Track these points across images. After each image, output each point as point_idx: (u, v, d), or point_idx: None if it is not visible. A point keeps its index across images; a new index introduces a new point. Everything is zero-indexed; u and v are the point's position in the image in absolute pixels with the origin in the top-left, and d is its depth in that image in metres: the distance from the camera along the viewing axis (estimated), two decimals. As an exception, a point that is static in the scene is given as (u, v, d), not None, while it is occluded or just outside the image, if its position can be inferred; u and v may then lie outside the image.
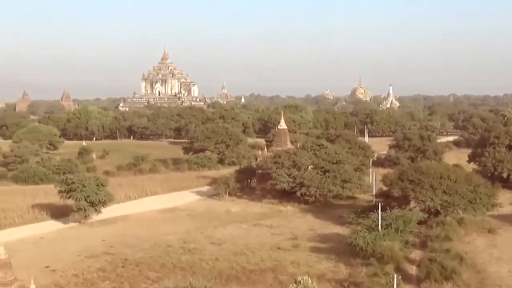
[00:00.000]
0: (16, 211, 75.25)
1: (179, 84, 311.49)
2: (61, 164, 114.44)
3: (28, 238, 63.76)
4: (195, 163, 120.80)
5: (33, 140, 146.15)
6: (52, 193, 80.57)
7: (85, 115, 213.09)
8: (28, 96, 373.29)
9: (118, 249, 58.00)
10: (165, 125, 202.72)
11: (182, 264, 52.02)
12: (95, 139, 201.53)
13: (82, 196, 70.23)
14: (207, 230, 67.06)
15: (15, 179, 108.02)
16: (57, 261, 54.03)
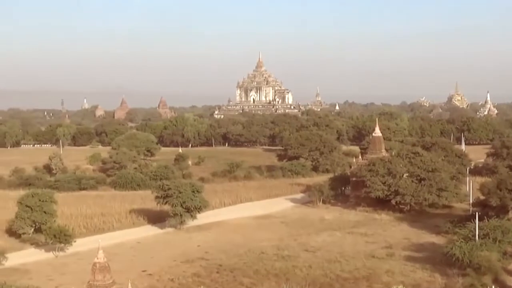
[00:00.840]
0: (114, 216, 77.38)
1: (273, 91, 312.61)
2: (158, 170, 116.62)
3: (126, 242, 65.41)
4: (289, 170, 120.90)
5: (131, 146, 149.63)
6: (149, 198, 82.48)
7: (181, 123, 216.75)
8: (126, 104, 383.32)
9: (213, 255, 58.70)
10: (259, 132, 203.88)
11: (276, 270, 52.16)
12: (191, 146, 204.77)
13: (178, 202, 71.44)
14: (301, 237, 67.02)
15: (113, 184, 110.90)
16: (153, 265, 55.18)
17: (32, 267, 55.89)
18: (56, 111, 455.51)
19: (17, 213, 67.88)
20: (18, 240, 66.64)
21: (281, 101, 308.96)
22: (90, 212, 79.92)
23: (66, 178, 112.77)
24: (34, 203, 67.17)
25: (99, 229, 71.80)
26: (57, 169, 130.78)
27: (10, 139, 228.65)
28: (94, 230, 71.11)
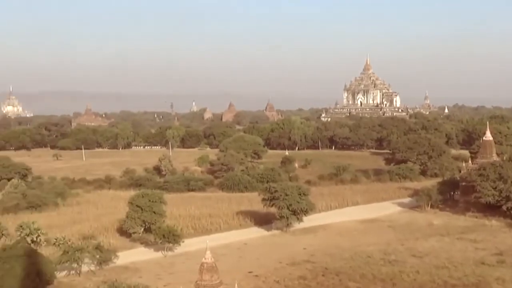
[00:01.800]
0: (222, 217, 78.43)
1: (381, 94, 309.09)
2: (264, 172, 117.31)
3: (233, 243, 66.16)
4: (397, 174, 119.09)
5: (238, 149, 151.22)
6: (255, 200, 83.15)
7: (288, 125, 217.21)
8: (234, 107, 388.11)
9: (319, 258, 58.54)
10: (366, 136, 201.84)
11: (382, 275, 51.48)
12: (298, 149, 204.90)
13: (284, 204, 71.65)
14: (408, 242, 65.87)
15: (221, 186, 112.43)
16: (259, 267, 55.56)
17: (142, 266, 57.40)
18: (165, 114, 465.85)
19: (128, 213, 69.91)
20: (128, 239, 68.60)
21: (388, 104, 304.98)
22: (198, 213, 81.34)
23: (175, 179, 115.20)
24: (144, 203, 69.00)
25: (206, 230, 72.97)
26: (167, 171, 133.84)
27: (121, 141, 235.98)
28: (202, 231, 72.31)
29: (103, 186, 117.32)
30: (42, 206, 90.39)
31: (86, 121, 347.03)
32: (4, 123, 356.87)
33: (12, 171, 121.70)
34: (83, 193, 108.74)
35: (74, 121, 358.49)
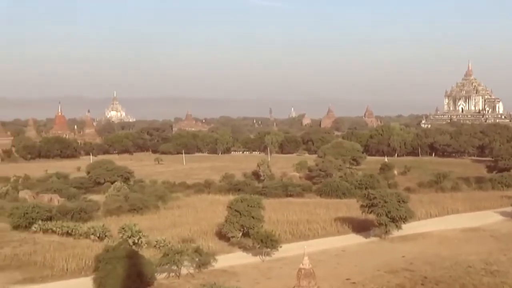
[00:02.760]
0: (319, 223, 78.20)
1: (483, 100, 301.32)
2: (363, 179, 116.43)
3: (330, 249, 65.85)
4: (499, 182, 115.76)
5: (336, 155, 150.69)
6: (353, 207, 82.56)
7: (387, 132, 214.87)
8: (332, 113, 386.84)
9: (418, 266, 57.52)
10: (467, 143, 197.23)
11: (483, 286, 50.07)
12: (397, 156, 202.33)
13: (383, 211, 70.85)
14: (511, 252, 63.84)
15: (319, 192, 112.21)
16: (357, 274, 55.09)
17: (240, 270, 57.90)
18: (264, 119, 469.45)
19: (226, 217, 70.71)
20: (227, 243, 69.34)
21: (491, 111, 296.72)
22: (296, 219, 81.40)
23: (273, 184, 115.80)
24: (243, 208, 69.62)
25: (304, 235, 72.89)
26: (265, 176, 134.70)
27: (221, 146, 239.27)
28: (300, 236, 72.30)
29: (203, 190, 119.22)
30: (144, 209, 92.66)
31: (186, 126, 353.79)
32: (108, 128, 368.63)
33: (115, 174, 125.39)
34: (183, 196, 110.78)
35: (175, 126, 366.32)
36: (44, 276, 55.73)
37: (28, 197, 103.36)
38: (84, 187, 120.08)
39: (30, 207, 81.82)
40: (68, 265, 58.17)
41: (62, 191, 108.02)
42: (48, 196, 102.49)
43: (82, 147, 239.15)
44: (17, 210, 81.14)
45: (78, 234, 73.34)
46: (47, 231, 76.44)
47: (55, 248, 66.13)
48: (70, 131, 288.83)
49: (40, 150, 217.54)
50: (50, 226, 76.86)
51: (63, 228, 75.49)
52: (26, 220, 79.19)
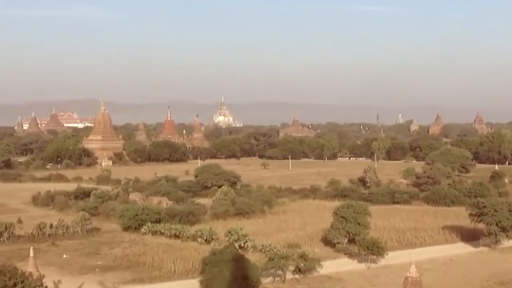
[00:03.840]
0: (427, 231, 76.72)
1: None
2: (472, 187, 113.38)
3: (438, 258, 64.49)
4: None
5: (445, 162, 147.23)
6: (462, 215, 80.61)
7: (498, 139, 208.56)
8: (441, 119, 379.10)
9: (529, 278, 55.59)
10: None
11: None
12: (508, 163, 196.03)
13: (493, 220, 68.82)
14: None
15: (426, 199, 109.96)
16: (466, 284, 53.78)
17: (345, 276, 57.57)
18: (371, 125, 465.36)
19: (332, 223, 70.48)
20: (332, 249, 69.08)
21: None
22: (403, 226, 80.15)
23: (380, 191, 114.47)
24: (349, 214, 69.25)
25: (411, 243, 71.73)
26: (371, 182, 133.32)
27: (327, 152, 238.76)
28: (406, 244, 71.20)
29: (308, 195, 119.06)
30: (250, 213, 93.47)
31: (293, 131, 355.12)
32: (215, 132, 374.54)
33: (222, 179, 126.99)
34: (289, 202, 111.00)
35: (282, 132, 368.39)
36: (153, 277, 57.20)
37: (138, 199, 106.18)
38: (192, 191, 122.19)
39: (140, 209, 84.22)
40: (176, 267, 59.47)
41: (171, 194, 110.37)
42: (157, 199, 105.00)
43: (190, 151, 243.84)
44: (128, 212, 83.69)
45: (186, 237, 74.87)
46: (156, 233, 78.43)
47: (163, 250, 67.75)
48: (179, 135, 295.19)
49: (150, 154, 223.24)
50: (159, 228, 78.81)
51: (171, 230, 77.27)
52: (136, 222, 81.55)
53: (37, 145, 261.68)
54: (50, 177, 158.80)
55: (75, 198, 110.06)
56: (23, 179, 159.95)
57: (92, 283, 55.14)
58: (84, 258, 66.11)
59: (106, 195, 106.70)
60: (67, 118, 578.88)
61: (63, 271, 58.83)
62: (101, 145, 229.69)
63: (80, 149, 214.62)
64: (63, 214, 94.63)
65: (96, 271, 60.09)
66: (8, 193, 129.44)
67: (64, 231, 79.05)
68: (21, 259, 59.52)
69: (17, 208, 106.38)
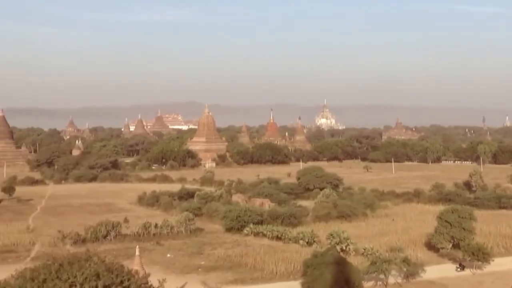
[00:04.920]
0: None
1: None
2: None
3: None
4: None
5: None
6: None
7: None
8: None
9: None
10: None
11: None
12: None
13: None
14: None
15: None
16: None
17: (449, 282, 56.41)
18: (477, 128, 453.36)
19: (436, 228, 69.15)
20: (436, 254, 67.78)
21: None
22: (510, 232, 77.69)
23: (486, 195, 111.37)
24: (453, 219, 67.77)
25: (518, 250, 69.55)
26: (477, 187, 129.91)
27: (431, 155, 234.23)
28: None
29: (411, 199, 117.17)
30: (352, 216, 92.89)
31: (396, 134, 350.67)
32: (318, 135, 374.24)
33: (324, 181, 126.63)
34: (392, 205, 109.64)
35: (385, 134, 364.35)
36: (254, 278, 57.72)
37: (240, 200, 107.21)
38: (294, 193, 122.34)
39: (242, 210, 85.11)
40: (277, 268, 59.80)
41: (273, 196, 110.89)
42: (259, 201, 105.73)
43: (292, 153, 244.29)
44: (230, 213, 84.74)
45: (288, 239, 75.13)
46: (258, 234, 79.02)
47: (265, 251, 68.24)
48: (281, 137, 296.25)
49: (252, 156, 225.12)
50: (261, 230, 79.38)
51: (273, 232, 77.70)
52: (238, 223, 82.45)
53: (143, 146, 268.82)
54: (155, 177, 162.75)
55: (179, 199, 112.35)
56: (129, 179, 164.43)
57: (195, 282, 56.15)
58: (188, 258, 67.42)
59: (209, 196, 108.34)
60: (172, 120, 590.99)
61: (167, 270, 60.22)
62: (205, 146, 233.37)
63: (184, 151, 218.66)
64: (168, 214, 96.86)
65: (199, 271, 61.19)
66: (115, 193, 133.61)
67: (169, 231, 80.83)
68: (127, 257, 61.26)
69: (123, 208, 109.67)
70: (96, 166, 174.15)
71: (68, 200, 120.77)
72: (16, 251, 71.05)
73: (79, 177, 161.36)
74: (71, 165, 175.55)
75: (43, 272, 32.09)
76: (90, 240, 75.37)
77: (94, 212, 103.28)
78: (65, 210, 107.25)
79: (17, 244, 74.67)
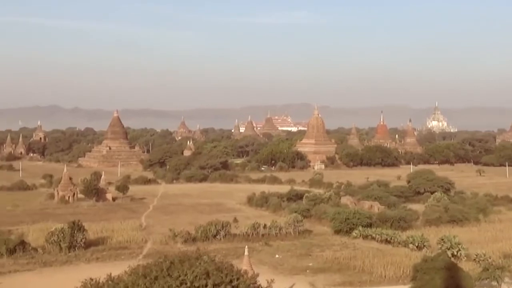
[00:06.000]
0: None
1: None
2: None
3: None
4: None
5: None
6: None
7: None
8: None
9: None
10: None
11: None
12: None
13: None
14: None
15: None
16: None
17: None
18: None
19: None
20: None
21: None
22: None
23: None
24: None
25: None
26: None
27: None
28: None
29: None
30: (464, 221, 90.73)
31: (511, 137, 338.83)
32: (428, 137, 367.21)
33: (435, 185, 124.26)
34: (506, 210, 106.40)
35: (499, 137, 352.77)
36: (363, 281, 57.36)
37: (349, 203, 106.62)
38: (404, 196, 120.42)
39: (351, 213, 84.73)
40: (386, 272, 59.24)
41: (382, 199, 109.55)
42: (368, 203, 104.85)
43: (402, 156, 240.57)
44: (339, 215, 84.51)
45: (397, 242, 74.27)
46: (367, 237, 78.45)
47: (373, 255, 67.68)
48: (391, 140, 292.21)
49: (362, 158, 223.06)
50: (370, 233, 78.76)
51: (382, 235, 76.95)
52: (347, 226, 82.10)
53: (253, 147, 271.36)
54: (264, 179, 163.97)
55: (288, 200, 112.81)
56: (239, 180, 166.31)
57: (303, 284, 56.37)
58: (296, 259, 67.70)
59: (318, 198, 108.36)
60: (281, 122, 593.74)
61: (275, 271, 60.69)
62: (314, 148, 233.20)
63: (293, 152, 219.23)
64: (276, 215, 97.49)
65: (307, 272, 61.36)
66: (225, 193, 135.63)
67: (277, 232, 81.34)
68: (236, 257, 62.13)
69: (233, 208, 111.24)
70: (206, 166, 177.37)
71: (179, 200, 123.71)
72: (129, 248, 73.42)
73: (190, 177, 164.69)
74: (182, 165, 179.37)
75: (154, 269, 33.07)
76: (200, 239, 76.87)
77: (204, 212, 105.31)
78: (176, 209, 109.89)
79: (130, 241, 77.15)
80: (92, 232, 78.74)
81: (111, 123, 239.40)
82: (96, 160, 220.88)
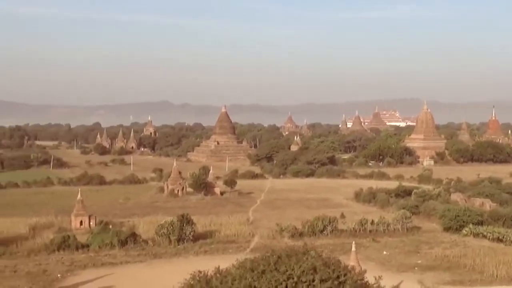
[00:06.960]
0: None
1: None
2: None
3: None
4: None
5: None
6: None
7: None
8: None
9: None
10: None
11: None
12: None
13: None
14: None
15: None
16: None
17: None
18: None
19: None
20: None
21: None
22: None
23: None
24: None
25: None
26: None
27: None
28: None
29: None
30: None
31: None
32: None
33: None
34: None
35: None
36: (473, 280, 56.00)
37: (459, 200, 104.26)
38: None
39: (461, 210, 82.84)
40: (498, 272, 57.61)
41: (494, 196, 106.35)
42: (479, 200, 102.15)
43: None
44: (449, 212, 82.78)
45: (510, 241, 72.10)
46: (478, 235, 76.45)
47: (485, 253, 65.96)
48: (503, 135, 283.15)
49: (472, 154, 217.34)
50: (481, 231, 76.72)
51: (494, 233, 74.82)
52: (457, 223, 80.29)
53: (360, 142, 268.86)
54: (372, 174, 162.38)
55: (396, 196, 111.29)
56: (346, 175, 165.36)
57: (411, 281, 55.58)
58: (404, 256, 66.84)
59: (427, 194, 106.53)
60: (389, 117, 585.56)
61: (383, 267, 60.14)
62: (422, 144, 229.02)
63: (401, 148, 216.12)
64: (384, 211, 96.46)
65: (415, 270, 60.47)
66: (332, 188, 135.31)
67: (385, 228, 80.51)
68: (343, 252, 61.94)
69: (340, 203, 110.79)
70: (313, 161, 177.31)
71: (286, 194, 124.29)
72: (236, 242, 74.41)
73: (297, 172, 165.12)
74: (289, 160, 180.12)
75: (262, 263, 33.40)
76: (307, 234, 77.02)
77: (311, 207, 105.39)
78: (283, 204, 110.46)
79: (237, 235, 78.16)
80: (201, 225, 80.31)
81: (219, 118, 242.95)
82: (205, 155, 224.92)
